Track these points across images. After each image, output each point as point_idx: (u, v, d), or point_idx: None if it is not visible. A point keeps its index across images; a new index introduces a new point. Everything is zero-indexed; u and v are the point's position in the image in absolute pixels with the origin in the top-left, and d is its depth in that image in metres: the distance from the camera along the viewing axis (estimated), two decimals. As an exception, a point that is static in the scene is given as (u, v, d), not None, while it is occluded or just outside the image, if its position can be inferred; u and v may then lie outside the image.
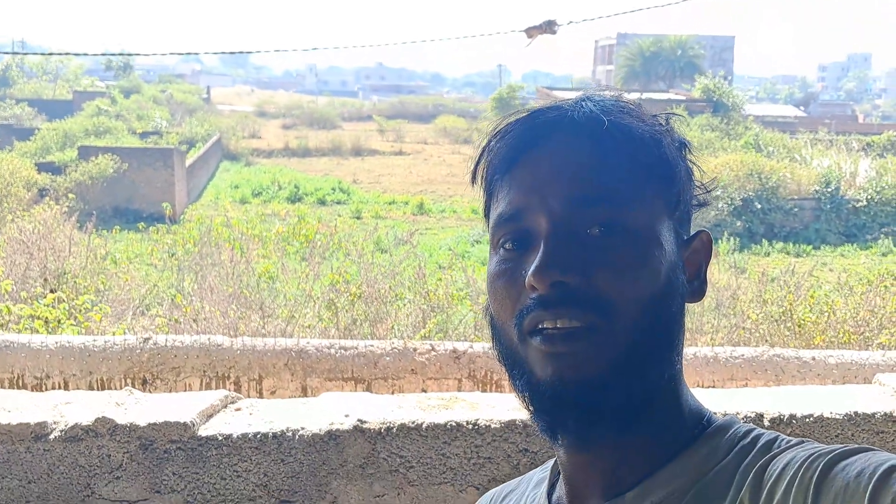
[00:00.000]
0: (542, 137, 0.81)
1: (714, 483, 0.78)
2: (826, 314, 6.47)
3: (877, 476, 0.67)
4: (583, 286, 0.76)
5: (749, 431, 0.82)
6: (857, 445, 0.73)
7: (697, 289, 0.85)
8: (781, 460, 0.75)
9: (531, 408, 0.80)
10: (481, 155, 0.86)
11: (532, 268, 0.76)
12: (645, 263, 0.78)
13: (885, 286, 7.73)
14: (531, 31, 7.77)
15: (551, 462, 0.93)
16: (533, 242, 0.79)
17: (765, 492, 0.73)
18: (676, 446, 0.82)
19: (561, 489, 0.88)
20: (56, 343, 3.80)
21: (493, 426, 2.06)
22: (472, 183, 0.86)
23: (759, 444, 0.79)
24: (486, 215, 0.86)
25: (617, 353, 0.76)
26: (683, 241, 0.85)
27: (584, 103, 0.82)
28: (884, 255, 18.97)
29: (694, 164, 0.87)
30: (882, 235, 21.08)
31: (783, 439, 0.79)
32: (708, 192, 0.88)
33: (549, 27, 7.68)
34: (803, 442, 0.78)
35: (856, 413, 2.17)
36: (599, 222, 0.78)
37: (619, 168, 0.79)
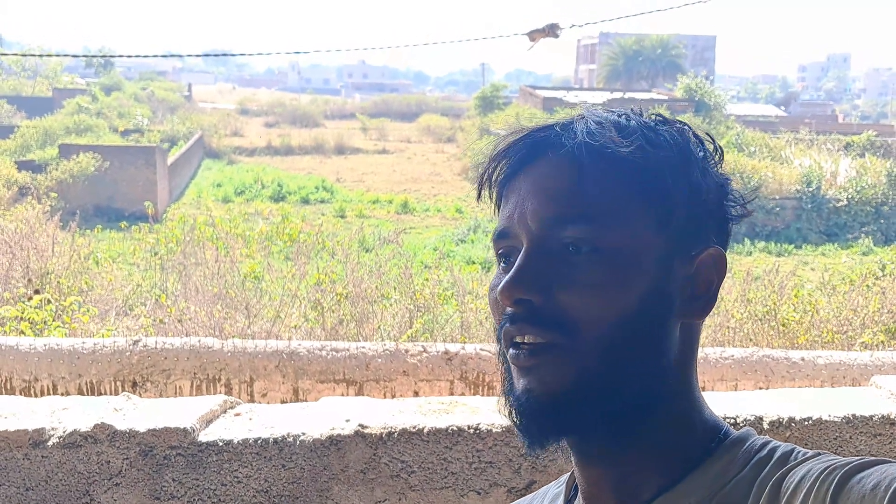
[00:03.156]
0: (531, 158, 0.84)
1: (731, 496, 0.79)
2: (810, 313, 6.52)
3: (892, 489, 0.67)
4: (547, 305, 0.79)
5: (766, 444, 0.82)
6: (873, 458, 0.73)
7: (701, 307, 0.84)
8: (798, 473, 0.75)
9: (510, 418, 0.84)
10: (483, 175, 0.89)
11: (501, 284, 0.81)
12: (612, 283, 0.79)
13: (867, 285, 7.81)
14: (534, 35, 7.77)
15: (566, 476, 0.94)
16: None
17: None
18: (693, 460, 0.83)
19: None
20: (44, 345, 3.76)
21: (494, 430, 2.05)
22: (478, 199, 0.90)
23: (775, 457, 0.80)
24: None
25: (579, 370, 0.78)
26: (688, 256, 0.83)
27: (575, 123, 0.84)
28: (864, 254, 19.13)
29: (715, 176, 0.85)
30: (862, 235, 21.27)
31: (799, 451, 0.80)
32: (744, 204, 0.87)
33: (551, 31, 7.68)
34: (820, 454, 0.78)
35: (854, 416, 2.19)
36: (571, 242, 0.80)
37: (592, 188, 0.80)
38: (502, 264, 0.85)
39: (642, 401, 0.81)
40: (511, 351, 0.81)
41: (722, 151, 0.88)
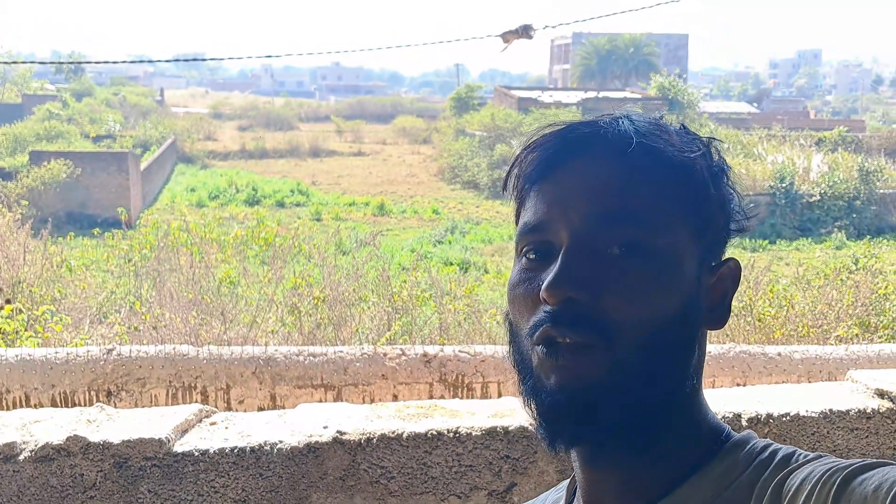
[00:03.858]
0: (573, 152, 0.81)
1: (733, 499, 0.78)
2: (785, 308, 6.57)
3: (894, 492, 0.67)
4: (591, 305, 0.77)
5: (767, 446, 0.82)
6: (874, 460, 0.73)
7: (719, 316, 0.85)
8: (799, 475, 0.75)
9: (534, 416, 0.81)
10: (514, 164, 0.86)
11: (546, 281, 0.77)
12: (658, 288, 0.78)
13: (841, 279, 7.89)
14: (507, 36, 7.78)
15: (566, 482, 0.93)
16: (553, 255, 0.80)
17: None
18: (694, 463, 0.82)
19: None
20: (16, 356, 3.70)
21: (474, 434, 2.04)
22: (504, 190, 0.87)
23: (776, 459, 0.79)
24: (517, 223, 0.87)
25: (616, 372, 0.77)
26: (711, 267, 0.84)
27: (620, 121, 0.82)
28: (838, 248, 19.35)
29: (733, 190, 0.87)
30: (835, 229, 21.52)
31: (800, 454, 0.80)
32: (747, 218, 0.88)
33: (524, 32, 7.69)
34: (821, 456, 0.78)
35: (831, 410, 2.20)
36: (619, 242, 0.78)
37: (645, 190, 0.79)
38: (531, 260, 0.82)
39: (666, 404, 0.81)
40: (543, 348, 0.79)
41: (730, 167, 0.88)
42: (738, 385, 3.89)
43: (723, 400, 2.27)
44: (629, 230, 0.78)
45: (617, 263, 0.78)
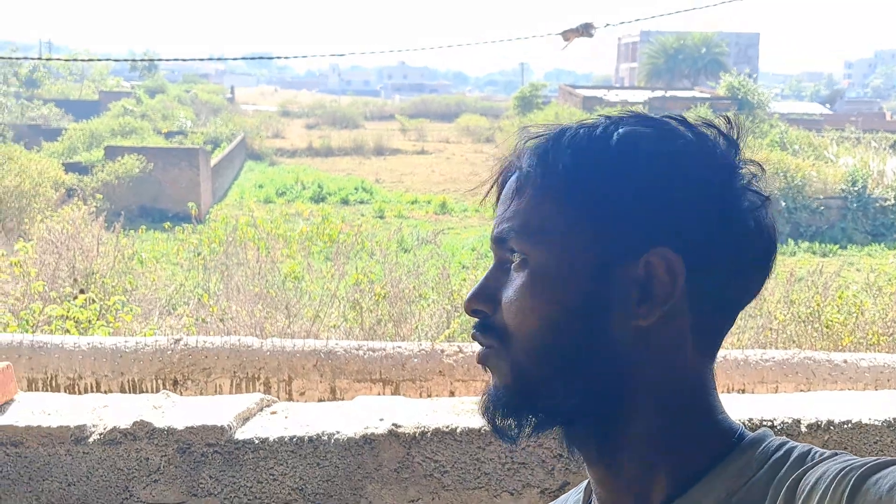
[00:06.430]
0: (503, 180, 0.91)
1: (747, 498, 0.78)
2: (854, 315, 6.40)
3: None
4: (492, 315, 0.86)
5: (782, 444, 0.82)
6: (890, 458, 0.72)
7: (647, 309, 0.80)
8: (814, 474, 0.74)
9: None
10: (485, 197, 0.95)
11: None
12: (538, 297, 0.82)
13: (915, 287, 7.64)
14: (568, 34, 7.70)
15: (584, 483, 0.94)
16: None
17: None
18: (708, 462, 0.82)
19: None
20: (88, 344, 3.84)
21: (527, 431, 2.05)
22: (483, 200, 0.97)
23: (791, 458, 0.79)
24: None
25: (514, 368, 0.84)
26: (633, 260, 0.80)
27: (531, 140, 0.89)
28: (912, 254, 18.72)
29: (725, 166, 0.83)
30: (910, 235, 20.84)
31: (816, 452, 0.79)
32: (755, 191, 0.83)
33: (585, 30, 7.61)
34: (837, 454, 0.77)
35: (895, 419, 2.15)
36: (517, 254, 0.85)
37: (530, 207, 0.84)
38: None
39: (604, 402, 0.81)
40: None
41: (733, 142, 0.85)
42: (802, 391, 3.81)
43: (782, 405, 2.24)
44: (516, 246, 0.84)
45: (511, 276, 0.85)
